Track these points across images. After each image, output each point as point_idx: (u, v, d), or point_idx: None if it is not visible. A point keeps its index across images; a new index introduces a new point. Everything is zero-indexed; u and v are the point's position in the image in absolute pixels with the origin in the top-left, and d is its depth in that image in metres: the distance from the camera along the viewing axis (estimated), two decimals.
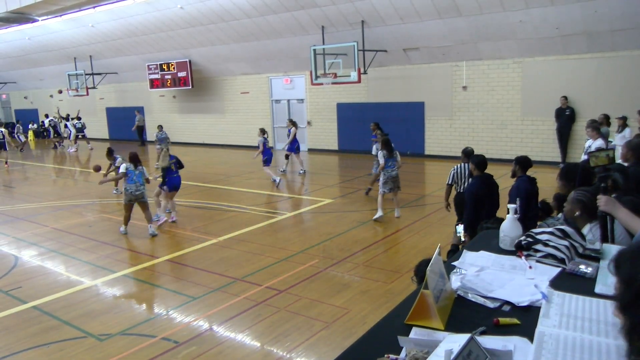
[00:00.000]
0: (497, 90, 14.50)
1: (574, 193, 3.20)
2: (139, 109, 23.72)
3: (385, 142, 9.17)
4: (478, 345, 1.27)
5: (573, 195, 3.18)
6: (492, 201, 5.89)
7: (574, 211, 3.12)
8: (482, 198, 5.70)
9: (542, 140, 13.99)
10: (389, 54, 15.64)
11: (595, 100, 12.84)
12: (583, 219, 3.07)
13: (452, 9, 13.02)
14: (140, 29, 19.19)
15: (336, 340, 4.97)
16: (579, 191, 3.19)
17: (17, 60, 26.34)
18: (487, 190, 5.83)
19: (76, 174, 17.25)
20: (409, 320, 1.66)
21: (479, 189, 5.76)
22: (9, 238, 9.20)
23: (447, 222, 8.96)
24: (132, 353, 4.94)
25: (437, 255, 1.75)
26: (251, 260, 7.43)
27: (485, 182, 5.89)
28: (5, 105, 32.95)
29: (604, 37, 12.26)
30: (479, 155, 6.26)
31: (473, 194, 5.71)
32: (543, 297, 1.73)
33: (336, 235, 8.54)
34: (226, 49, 18.76)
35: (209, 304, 6.00)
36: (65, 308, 6.08)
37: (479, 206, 5.63)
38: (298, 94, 18.95)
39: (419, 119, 16.10)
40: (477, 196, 5.69)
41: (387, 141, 9.19)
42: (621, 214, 2.62)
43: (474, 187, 5.80)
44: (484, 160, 6.06)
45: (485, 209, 5.68)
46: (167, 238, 8.80)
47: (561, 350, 1.40)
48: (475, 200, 5.67)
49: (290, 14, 15.46)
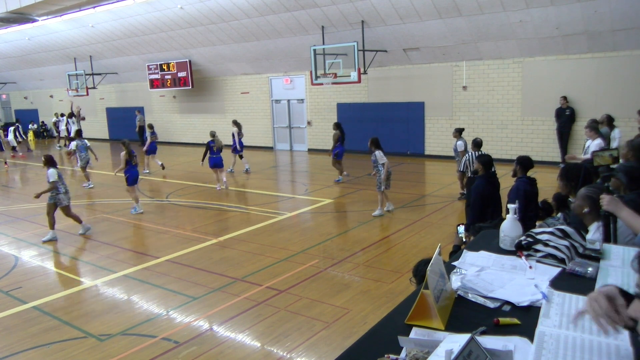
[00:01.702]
0: (497, 90, 14.50)
1: (584, 189, 3.17)
2: (139, 109, 23.72)
3: (376, 141, 9.41)
4: (478, 345, 1.27)
5: (583, 192, 3.14)
6: (496, 200, 5.94)
7: (583, 207, 3.08)
8: (489, 197, 5.74)
9: (542, 140, 13.99)
10: (389, 54, 15.64)
11: (595, 100, 12.84)
12: (591, 215, 3.03)
13: (452, 8, 13.02)
14: (141, 29, 19.19)
15: (336, 340, 4.97)
16: (589, 188, 3.16)
17: (17, 60, 26.35)
18: (492, 189, 5.89)
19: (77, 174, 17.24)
20: (409, 320, 1.66)
21: (485, 188, 5.81)
22: (9, 238, 9.20)
23: (447, 222, 8.97)
24: (133, 353, 4.94)
25: (438, 255, 1.75)
26: (251, 260, 7.43)
27: (489, 180, 5.94)
28: (5, 106, 32.95)
29: (605, 37, 12.26)
30: (485, 155, 6.35)
31: (480, 194, 5.74)
32: (543, 297, 1.73)
33: (336, 235, 8.55)
34: (226, 49, 18.76)
35: (210, 304, 6.00)
36: (66, 308, 6.08)
37: (486, 205, 5.66)
38: (298, 94, 18.96)
39: (419, 119, 16.10)
40: (484, 196, 5.73)
41: (377, 140, 9.45)
42: (624, 214, 2.63)
43: (481, 187, 5.85)
44: (490, 160, 6.16)
45: (490, 208, 5.72)
46: (168, 238, 8.80)
47: (561, 350, 1.40)
48: (482, 199, 5.70)
49: (290, 14, 15.46)
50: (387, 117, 16.56)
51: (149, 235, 8.98)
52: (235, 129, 14.50)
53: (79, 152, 14.19)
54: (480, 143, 9.29)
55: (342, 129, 13.17)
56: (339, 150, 12.89)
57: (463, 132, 11.08)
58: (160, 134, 23.85)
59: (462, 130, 11.04)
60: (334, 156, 12.97)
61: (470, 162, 9.08)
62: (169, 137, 23.56)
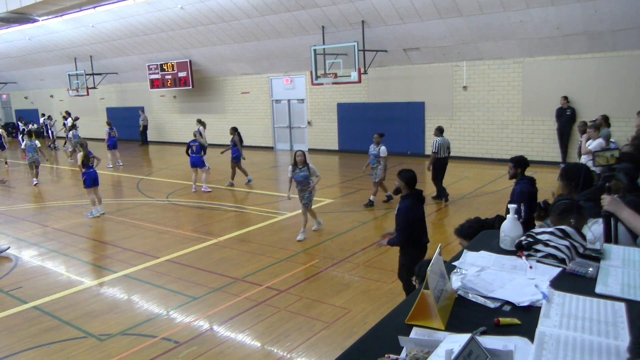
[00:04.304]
0: (498, 90, 14.49)
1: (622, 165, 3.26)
2: (141, 108, 23.72)
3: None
4: (478, 345, 1.27)
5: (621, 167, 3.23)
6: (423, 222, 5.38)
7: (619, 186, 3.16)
8: (419, 220, 5.20)
9: (543, 140, 13.98)
10: (389, 54, 15.64)
11: (595, 101, 12.84)
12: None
13: (452, 8, 13.02)
14: (141, 29, 19.19)
15: (337, 340, 4.97)
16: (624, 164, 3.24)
17: (18, 60, 26.35)
18: (421, 209, 5.30)
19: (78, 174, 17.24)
20: (409, 320, 1.66)
21: (415, 209, 5.19)
22: (9, 238, 9.20)
23: (447, 222, 8.97)
24: (133, 353, 4.94)
25: (438, 256, 1.75)
26: (251, 260, 7.44)
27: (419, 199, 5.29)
28: (6, 106, 32.96)
29: (605, 37, 12.25)
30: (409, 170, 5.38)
31: (410, 217, 5.10)
32: (543, 297, 1.72)
33: (336, 235, 8.55)
34: (226, 49, 18.77)
35: (210, 304, 6.01)
36: (66, 308, 6.08)
37: (414, 229, 5.11)
38: (298, 94, 18.96)
39: (419, 119, 16.09)
40: (415, 219, 5.16)
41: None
42: (625, 214, 2.62)
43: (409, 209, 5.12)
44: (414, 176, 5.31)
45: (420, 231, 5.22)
46: (168, 238, 8.80)
47: (562, 350, 1.40)
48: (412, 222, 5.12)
49: (290, 14, 15.46)
50: (387, 117, 16.56)
51: (149, 235, 8.98)
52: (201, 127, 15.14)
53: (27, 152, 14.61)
54: (442, 129, 10.61)
55: (239, 133, 13.25)
56: (236, 154, 12.90)
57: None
58: (161, 133, 23.94)
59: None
60: (233, 160, 13.01)
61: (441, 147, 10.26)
62: (169, 137, 23.58)
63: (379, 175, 10.05)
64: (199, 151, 12.51)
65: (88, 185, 10.30)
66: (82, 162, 10.27)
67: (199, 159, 12.50)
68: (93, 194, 10.40)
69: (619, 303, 1.65)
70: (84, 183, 10.34)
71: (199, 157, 12.50)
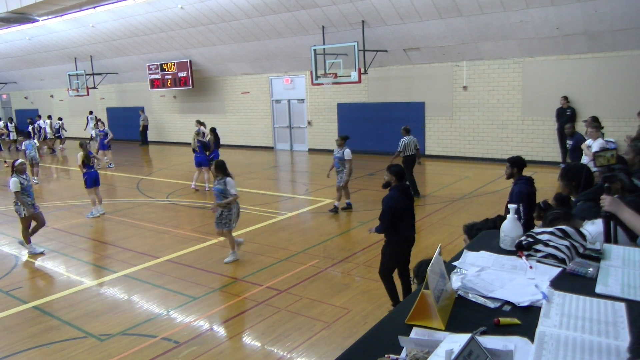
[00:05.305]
0: (498, 90, 14.49)
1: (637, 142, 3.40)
2: (142, 108, 23.72)
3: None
4: (479, 345, 1.27)
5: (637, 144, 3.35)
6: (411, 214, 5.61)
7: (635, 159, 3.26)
8: (403, 210, 5.36)
9: (543, 140, 13.98)
10: (389, 54, 15.64)
11: (595, 101, 12.84)
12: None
13: (452, 8, 13.02)
14: (141, 29, 19.19)
15: (337, 341, 4.97)
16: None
17: (18, 60, 26.35)
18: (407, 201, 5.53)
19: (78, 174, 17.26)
20: (409, 320, 1.66)
21: (399, 200, 5.41)
22: (9, 238, 9.20)
23: (447, 222, 8.97)
24: (133, 353, 4.94)
25: (438, 256, 1.75)
26: (251, 260, 7.43)
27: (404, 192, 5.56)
28: (6, 106, 32.96)
29: (605, 37, 12.26)
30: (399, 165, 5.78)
31: (392, 206, 5.33)
32: (544, 297, 1.72)
33: (336, 235, 8.55)
34: (226, 49, 18.76)
35: (210, 304, 6.01)
36: (66, 308, 6.08)
37: (398, 219, 5.31)
38: (298, 94, 18.96)
39: (419, 119, 16.08)
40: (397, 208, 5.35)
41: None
42: (626, 215, 2.62)
43: (394, 199, 5.40)
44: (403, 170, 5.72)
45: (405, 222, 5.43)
46: (168, 238, 8.80)
47: (562, 350, 1.40)
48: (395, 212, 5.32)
49: (290, 14, 15.46)
50: (387, 117, 16.55)
51: (149, 235, 8.98)
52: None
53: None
54: (409, 129, 11.01)
55: (217, 134, 13.11)
56: (214, 155, 12.83)
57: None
58: (161, 133, 23.94)
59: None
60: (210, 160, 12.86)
61: (407, 147, 10.69)
62: (169, 137, 23.58)
63: (343, 179, 9.76)
64: (203, 151, 12.53)
65: (89, 185, 10.38)
66: (83, 162, 10.33)
67: (205, 158, 12.52)
68: (94, 194, 10.45)
69: (619, 303, 1.65)
70: (85, 183, 10.41)
71: (204, 157, 12.51)
